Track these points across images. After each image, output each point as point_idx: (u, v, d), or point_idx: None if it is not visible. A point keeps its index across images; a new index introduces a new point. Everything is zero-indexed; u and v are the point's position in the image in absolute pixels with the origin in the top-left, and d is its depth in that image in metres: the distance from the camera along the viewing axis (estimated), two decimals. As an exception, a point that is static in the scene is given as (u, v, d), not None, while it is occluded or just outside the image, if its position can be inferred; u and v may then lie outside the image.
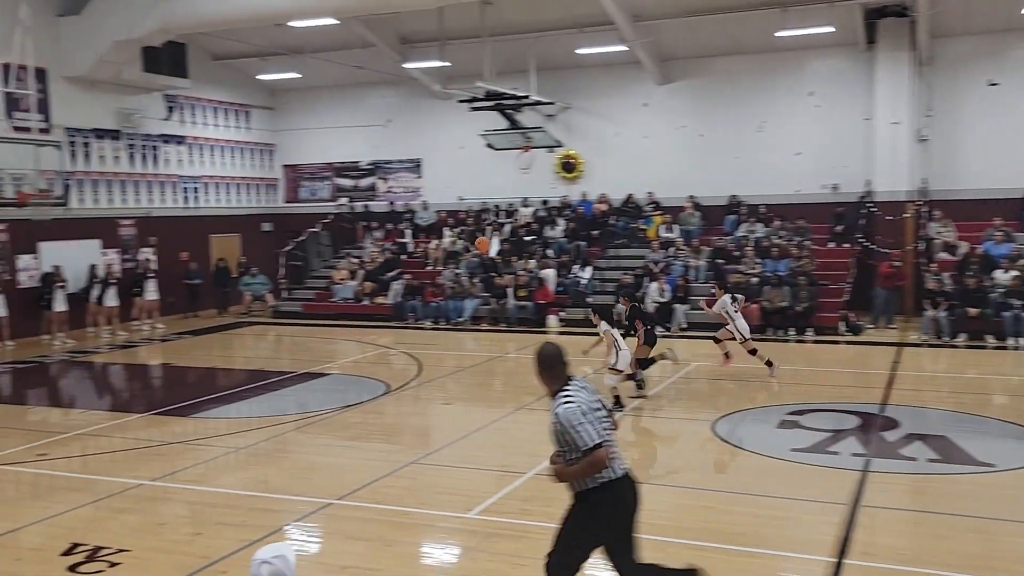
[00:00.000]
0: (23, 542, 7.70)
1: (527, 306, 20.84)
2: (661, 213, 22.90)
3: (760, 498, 8.47)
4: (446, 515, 8.11)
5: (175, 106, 24.13)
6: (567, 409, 5.22)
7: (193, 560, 7.13)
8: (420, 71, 23.80)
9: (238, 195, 26.44)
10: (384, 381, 14.65)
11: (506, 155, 22.57)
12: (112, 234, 22.17)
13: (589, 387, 5.43)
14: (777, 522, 7.92)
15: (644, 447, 10.46)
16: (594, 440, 5.17)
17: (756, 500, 8.43)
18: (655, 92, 23.38)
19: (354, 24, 21.23)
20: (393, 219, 25.74)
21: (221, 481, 9.53)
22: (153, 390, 15.68)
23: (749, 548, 7.19)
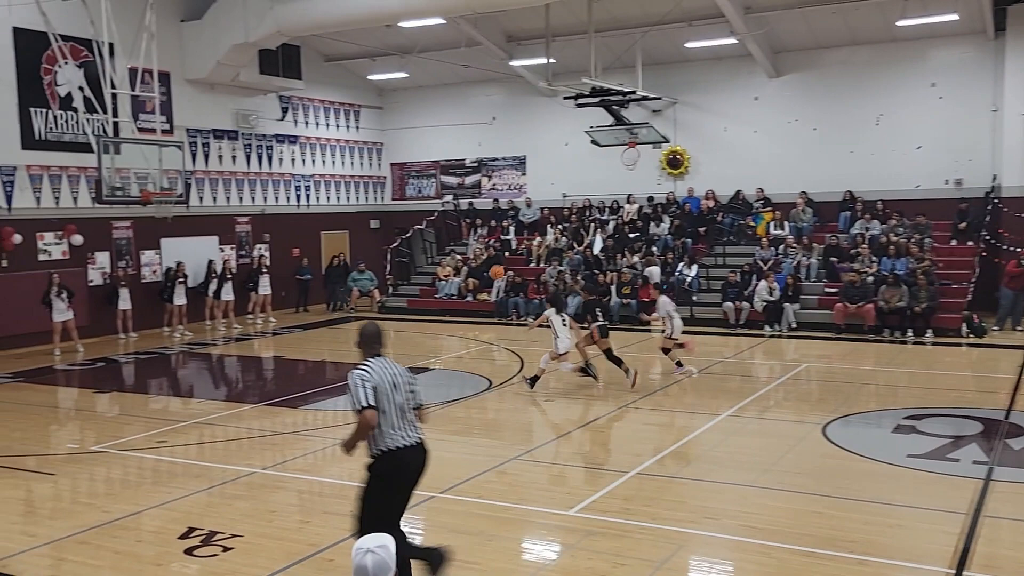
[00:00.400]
0: (144, 524, 8.04)
1: (630, 303, 20.64)
2: (771, 209, 22.35)
3: (873, 504, 8.16)
4: (547, 512, 8.09)
5: (289, 107, 24.87)
6: (354, 374, 5.90)
7: (301, 547, 7.31)
8: (525, 68, 23.87)
9: (347, 193, 27.05)
10: (487, 377, 14.73)
11: (611, 152, 22.41)
12: (229, 231, 23.02)
13: (396, 367, 6.12)
14: (891, 530, 7.61)
15: (752, 449, 10.21)
16: (363, 403, 5.76)
17: (868, 506, 8.12)
18: (766, 85, 22.84)
19: (461, 23, 21.43)
20: (497, 216, 25.89)
21: (328, 471, 9.75)
22: (265, 382, 16.18)
23: (860, 556, 6.93)
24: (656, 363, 16.56)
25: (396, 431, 5.95)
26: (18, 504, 8.79)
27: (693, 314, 20.25)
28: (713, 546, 7.36)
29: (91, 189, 18.91)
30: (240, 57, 21.22)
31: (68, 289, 17.85)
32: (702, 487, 8.84)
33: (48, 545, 7.55)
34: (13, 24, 17.80)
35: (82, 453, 10.64)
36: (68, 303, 17.83)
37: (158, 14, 17.48)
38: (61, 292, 17.70)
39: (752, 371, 15.74)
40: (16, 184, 18.18)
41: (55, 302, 17.71)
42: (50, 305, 17.68)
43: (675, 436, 11.00)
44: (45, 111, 18.66)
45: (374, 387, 5.84)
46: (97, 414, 13.24)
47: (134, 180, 17.89)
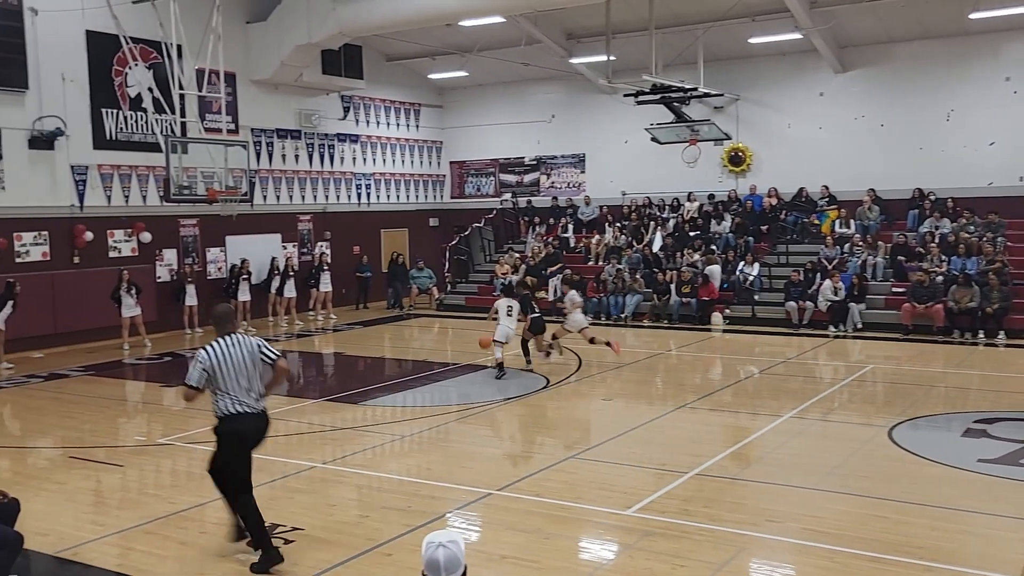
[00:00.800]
0: (207, 516, 8.20)
1: (690, 303, 20.42)
2: (836, 207, 21.92)
3: (941, 510, 7.95)
4: (604, 511, 8.04)
5: (350, 106, 25.15)
6: (199, 352, 7.01)
7: (360, 542, 7.38)
8: (585, 66, 23.79)
9: (407, 191, 27.26)
10: (544, 375, 14.71)
11: (671, 149, 22.21)
12: (291, 229, 23.37)
13: (246, 343, 7.03)
14: (960, 536, 7.41)
15: (815, 451, 10.02)
16: (190, 381, 6.96)
17: (937, 512, 7.91)
18: (832, 81, 22.41)
19: (521, 21, 21.43)
20: (556, 214, 25.85)
21: (387, 467, 9.83)
22: (326, 378, 16.39)
23: (927, 562, 6.75)
24: (716, 363, 16.38)
25: (237, 400, 6.93)
26: (88, 494, 9.03)
27: (755, 313, 19.99)
28: (774, 549, 7.24)
29: (159, 188, 19.39)
30: (303, 58, 21.53)
31: (137, 286, 18.25)
32: (763, 489, 8.70)
33: (116, 535, 7.74)
34: (86, 27, 18.30)
35: (149, 445, 10.89)
36: (136, 299, 18.22)
37: (224, 16, 17.82)
38: (130, 288, 18.11)
39: (816, 372, 15.46)
40: (88, 183, 18.70)
41: (124, 298, 18.10)
42: (119, 301, 18.08)
43: (736, 437, 10.85)
44: (116, 112, 19.15)
45: (207, 368, 6.90)
46: (164, 407, 13.55)
47: (200, 179, 18.30)
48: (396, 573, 6.77)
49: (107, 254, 19.09)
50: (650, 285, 21.35)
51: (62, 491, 8.93)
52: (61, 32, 17.88)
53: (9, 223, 17.31)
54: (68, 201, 18.39)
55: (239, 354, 6.94)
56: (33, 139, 17.59)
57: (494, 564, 6.92)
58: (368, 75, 24.05)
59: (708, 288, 20.50)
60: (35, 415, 12.78)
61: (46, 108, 17.78)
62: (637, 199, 24.74)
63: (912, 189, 21.32)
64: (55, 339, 17.89)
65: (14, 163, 17.36)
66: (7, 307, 15.93)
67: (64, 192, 18.35)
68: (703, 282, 20.50)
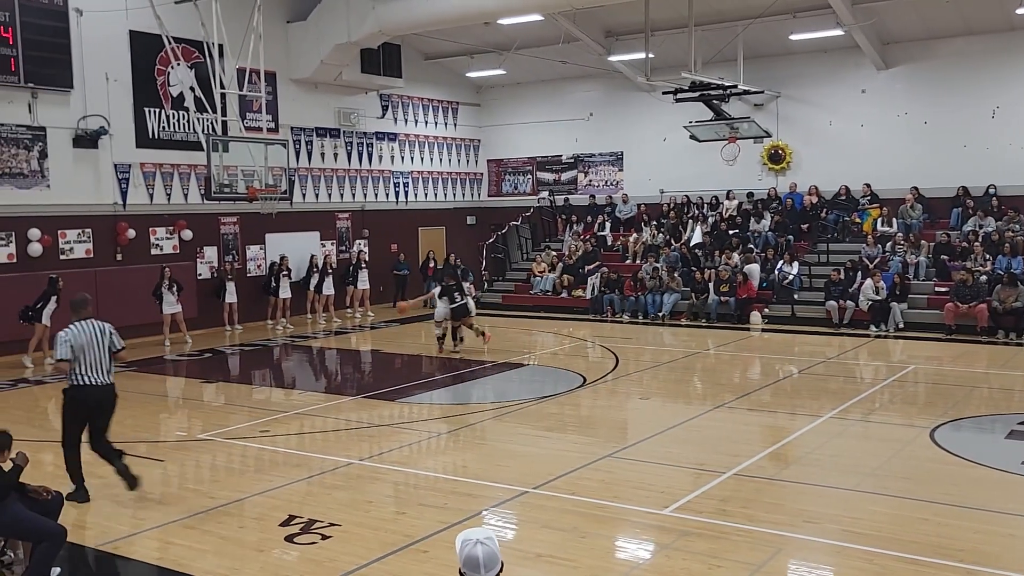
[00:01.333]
0: (246, 511, 8.29)
1: (729, 302, 20.26)
2: (878, 206, 21.62)
3: (984, 513, 7.80)
4: (641, 510, 8.00)
5: (389, 104, 25.28)
6: (60, 333, 8.35)
7: (397, 538, 7.41)
8: (624, 64, 23.70)
9: (444, 189, 27.35)
10: (581, 374, 14.69)
11: (710, 147, 22.05)
12: (330, 226, 23.55)
13: (98, 327, 8.40)
14: (1003, 540, 7.27)
15: (855, 452, 9.89)
16: (62, 355, 8.23)
17: (979, 514, 7.77)
18: (874, 78, 22.10)
19: (560, 19, 21.39)
20: (593, 212, 25.78)
21: (424, 464, 9.87)
22: (363, 375, 16.49)
23: (969, 565, 6.63)
24: (754, 362, 16.24)
25: (88, 373, 8.26)
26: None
27: (794, 312, 19.79)
28: (813, 550, 7.16)
29: (200, 186, 19.65)
30: (343, 57, 21.68)
31: (178, 283, 18.50)
32: (802, 490, 8.60)
33: (157, 529, 7.85)
34: (130, 27, 18.58)
35: (190, 441, 11.04)
36: (177, 296, 18.45)
37: (265, 16, 18.00)
38: (172, 286, 18.35)
39: (856, 372, 15.27)
40: (131, 181, 18.99)
41: (165, 295, 18.33)
42: (161, 298, 18.33)
43: (774, 437, 10.75)
44: (158, 111, 19.43)
45: (71, 345, 8.17)
46: (204, 403, 13.73)
47: (241, 177, 18.49)
48: (432, 570, 6.79)
49: (149, 251, 19.37)
50: (688, 284, 21.22)
51: (104, 485, 9.05)
52: (105, 32, 18.18)
53: (54, 221, 17.63)
54: (111, 199, 18.70)
55: (94, 335, 8.32)
56: (77, 138, 17.91)
57: (530, 562, 6.91)
58: (407, 74, 24.17)
59: (747, 287, 20.32)
60: (79, 409, 12.99)
61: (90, 107, 18.10)
62: (676, 197, 24.59)
63: (956, 187, 20.97)
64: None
65: (59, 161, 17.69)
66: (51, 303, 16.21)
67: (107, 190, 18.65)
68: (742, 281, 20.32)
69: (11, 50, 16.61)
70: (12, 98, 16.91)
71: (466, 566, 3.61)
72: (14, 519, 6.27)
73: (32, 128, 17.23)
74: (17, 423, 11.13)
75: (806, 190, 22.74)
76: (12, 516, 6.27)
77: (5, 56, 16.53)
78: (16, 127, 17.01)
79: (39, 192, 17.44)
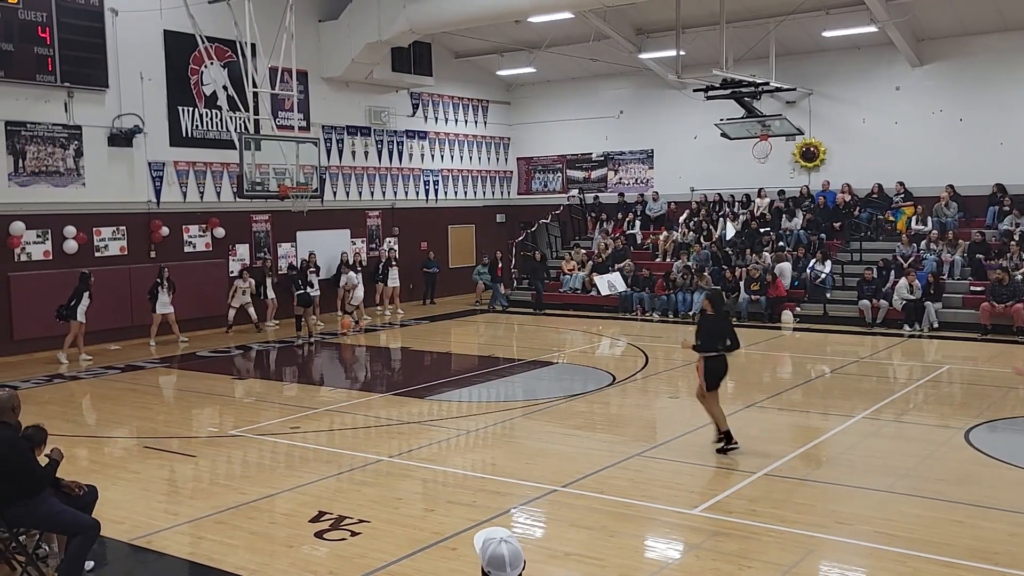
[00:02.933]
0: (277, 507, 8.35)
1: (759, 300, 20.10)
2: (912, 204, 21.34)
3: (1019, 515, 7.68)
4: (670, 510, 7.97)
5: (419, 103, 25.35)
6: None
7: (425, 535, 7.43)
8: (654, 61, 23.59)
9: (474, 187, 27.38)
10: (610, 372, 14.65)
11: (741, 144, 21.92)
12: (360, 224, 23.66)
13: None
14: (1041, 544, 7.15)
15: (888, 452, 9.77)
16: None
17: (1015, 517, 7.64)
18: (909, 75, 21.83)
19: (590, 17, 21.34)
20: (623, 210, 25.68)
21: (452, 461, 9.89)
22: (393, 372, 16.56)
23: (1004, 568, 6.54)
24: (786, 362, 16.11)
25: None
26: (162, 484, 9.27)
27: (826, 311, 19.60)
28: (844, 552, 7.09)
29: (233, 184, 19.82)
30: (374, 55, 21.77)
31: (173, 283, 18.12)
32: (834, 491, 8.51)
33: (188, 524, 7.93)
34: (164, 27, 18.78)
35: (221, 436, 11.14)
36: (171, 296, 17.97)
37: (297, 15, 18.10)
38: (169, 286, 17.92)
39: (889, 372, 15.09)
40: (164, 179, 19.20)
41: (160, 295, 17.89)
42: (155, 297, 17.92)
43: (806, 437, 10.64)
44: (191, 109, 19.62)
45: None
46: (235, 400, 13.85)
47: (272, 175, 18.63)
48: (461, 567, 6.80)
49: (182, 249, 19.57)
50: (718, 282, 21.07)
51: (137, 480, 9.18)
52: (140, 32, 18.38)
53: (89, 218, 17.87)
54: (145, 197, 18.91)
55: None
56: (112, 136, 18.13)
57: (558, 561, 6.90)
58: (437, 72, 24.22)
59: (778, 286, 20.15)
60: (112, 406, 13.19)
61: (125, 106, 18.31)
62: (706, 195, 24.44)
63: (991, 185, 20.65)
64: (131, 332, 18.38)
65: (94, 160, 17.92)
66: (84, 299, 16.39)
67: (141, 188, 18.87)
68: (773, 280, 20.15)
69: (48, 50, 16.85)
70: (49, 97, 17.15)
71: (491, 565, 3.59)
72: (50, 513, 6.37)
73: (68, 127, 17.47)
74: (52, 418, 11.31)
75: (839, 188, 22.51)
76: (48, 510, 6.36)
77: (42, 56, 16.78)
78: (52, 126, 17.26)
79: (75, 190, 17.68)
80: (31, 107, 16.94)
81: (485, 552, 3.61)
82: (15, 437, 6.36)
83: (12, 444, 6.27)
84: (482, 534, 3.70)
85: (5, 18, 16.23)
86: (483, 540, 3.66)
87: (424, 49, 23.40)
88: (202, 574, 6.94)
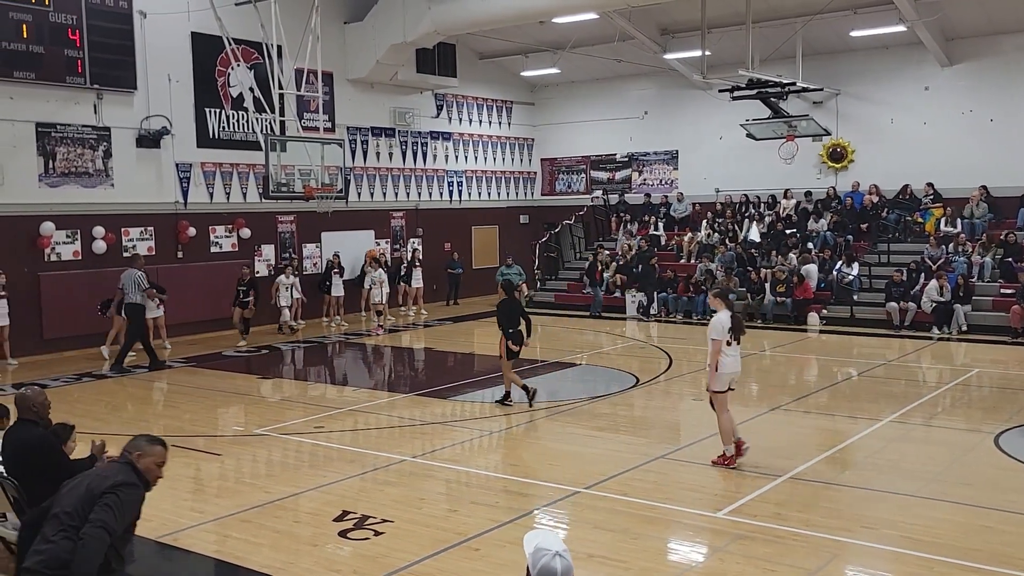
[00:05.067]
0: (301, 506, 8.40)
1: (785, 302, 19.95)
2: (941, 205, 21.11)
3: (1051, 522, 7.58)
4: (694, 513, 7.93)
5: (444, 104, 25.41)
6: None
7: (449, 535, 7.44)
8: (679, 61, 23.50)
9: (498, 188, 27.40)
10: (633, 374, 14.60)
11: (767, 145, 21.77)
12: (384, 225, 23.74)
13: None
14: (1072, 551, 7.05)
15: (916, 456, 9.67)
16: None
17: (1046, 524, 7.55)
18: (938, 75, 21.60)
19: (615, 17, 21.30)
20: (647, 211, 25.60)
21: (475, 462, 9.90)
22: (416, 372, 16.60)
23: (1036, 577, 6.45)
24: (812, 364, 15.99)
25: None
26: (188, 482, 9.34)
27: (853, 314, 19.43)
28: (870, 556, 7.02)
29: (258, 185, 19.94)
30: (398, 57, 21.85)
31: (161, 288, 17.16)
32: (860, 495, 8.44)
33: (214, 522, 7.99)
34: (191, 29, 18.94)
35: (246, 435, 11.21)
36: (160, 301, 17.17)
37: (322, 17, 18.17)
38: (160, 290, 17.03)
39: (918, 375, 14.93)
40: (191, 180, 19.36)
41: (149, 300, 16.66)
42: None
43: (832, 440, 10.55)
44: (218, 111, 19.78)
45: None
46: (261, 399, 13.93)
47: (298, 176, 18.67)
48: (484, 568, 6.80)
49: (209, 249, 19.73)
50: (743, 284, 20.95)
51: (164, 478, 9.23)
52: (168, 34, 18.55)
53: (117, 219, 18.05)
54: (172, 198, 19.08)
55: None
56: (141, 138, 18.31)
57: (581, 563, 6.87)
58: (461, 73, 24.27)
59: (804, 287, 20.01)
60: (139, 404, 13.32)
61: (153, 108, 18.49)
62: (731, 196, 24.31)
63: (1023, 186, 20.39)
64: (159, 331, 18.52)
65: (123, 161, 18.10)
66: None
67: (169, 189, 19.04)
68: (799, 281, 20.00)
69: (78, 52, 17.04)
70: (78, 99, 17.35)
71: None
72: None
73: (97, 128, 17.66)
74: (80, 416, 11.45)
75: (866, 189, 22.31)
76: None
77: (72, 58, 16.97)
78: (82, 127, 17.45)
79: (103, 191, 17.87)
80: (61, 109, 17.14)
81: (536, 563, 3.50)
82: (44, 434, 6.44)
83: (42, 441, 6.34)
84: (533, 538, 3.59)
85: (36, 21, 16.43)
86: (535, 547, 3.54)
87: (449, 50, 23.46)
88: (228, 572, 6.99)
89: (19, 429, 6.43)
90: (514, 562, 6.91)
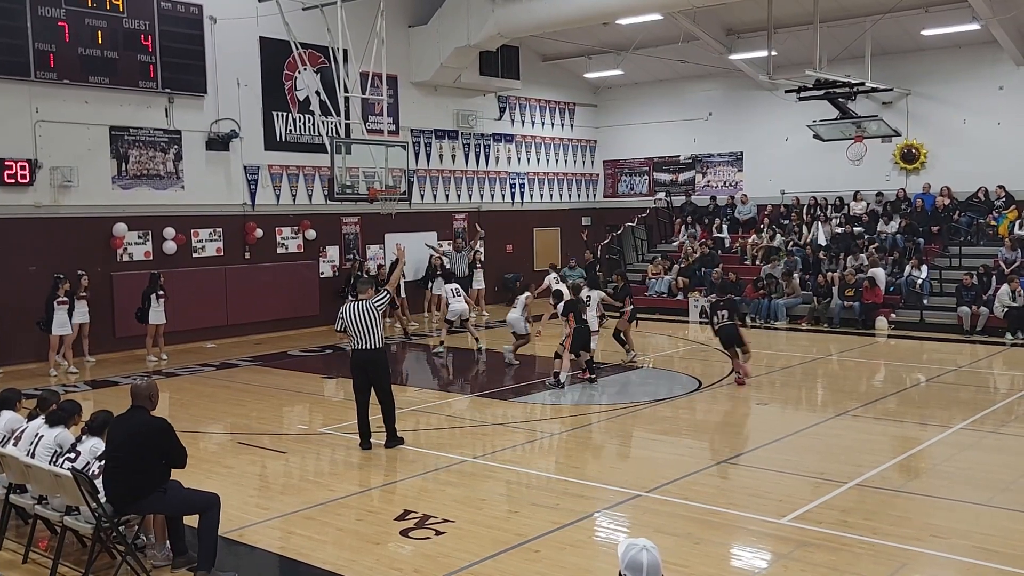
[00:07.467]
0: (365, 504, 8.50)
1: (853, 306, 19.55)
2: (1014, 208, 20.49)
3: None
4: (757, 518, 7.81)
5: (506, 106, 25.48)
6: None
7: (509, 536, 7.45)
8: (745, 62, 23.22)
9: (560, 190, 27.37)
10: (696, 377, 14.45)
11: (835, 146, 21.38)
12: (447, 227, 23.89)
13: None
14: None
15: (988, 465, 9.40)
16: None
17: None
18: (1013, 74, 20.98)
19: (679, 18, 21.13)
20: (711, 213, 25.32)
21: (536, 464, 9.89)
22: (478, 374, 16.66)
23: (1116, 592, 6.21)
24: (880, 369, 15.64)
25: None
26: (254, 479, 9.52)
27: (923, 318, 18.96)
28: (940, 566, 6.84)
29: (324, 187, 20.24)
30: (462, 59, 21.99)
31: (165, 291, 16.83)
32: (930, 503, 8.23)
33: (279, 519, 8.13)
34: (260, 34, 19.31)
35: (311, 434, 11.39)
36: (164, 305, 16.72)
37: (387, 21, 18.36)
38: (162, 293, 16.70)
39: (990, 381, 14.51)
40: (259, 182, 19.74)
41: (153, 303, 16.58)
42: (149, 305, 16.58)
43: (901, 447, 10.31)
44: (285, 114, 20.13)
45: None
46: (325, 398, 14.14)
47: (362, 178, 18.91)
48: (543, 570, 6.80)
49: (275, 250, 20.09)
50: (810, 287, 20.58)
51: (230, 475, 9.44)
52: (237, 39, 18.95)
53: (187, 220, 18.48)
54: (241, 200, 19.47)
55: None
56: (210, 141, 18.74)
57: (642, 566, 6.83)
58: (524, 75, 24.33)
59: (874, 292, 19.58)
60: (207, 402, 13.60)
61: (222, 111, 18.90)
62: (798, 198, 23.91)
63: (1105, 188, 19.72)
64: (226, 330, 18.96)
65: (193, 163, 18.54)
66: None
67: (237, 191, 19.44)
68: (868, 285, 19.58)
69: (150, 57, 17.51)
70: (151, 103, 17.83)
71: (628, 568, 3.66)
72: (186, 497, 6.79)
73: (168, 131, 18.13)
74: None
75: (937, 191, 21.76)
76: (185, 495, 6.80)
77: (144, 63, 17.45)
78: (154, 131, 17.93)
79: (174, 193, 18.32)
80: (134, 113, 17.63)
81: (625, 556, 3.68)
82: (158, 418, 6.85)
83: (158, 425, 6.74)
84: (626, 540, 3.77)
85: (111, 27, 16.93)
86: (627, 544, 3.73)
87: (512, 53, 23.52)
88: (292, 568, 7.11)
89: (133, 415, 6.78)
90: (574, 565, 6.90)
